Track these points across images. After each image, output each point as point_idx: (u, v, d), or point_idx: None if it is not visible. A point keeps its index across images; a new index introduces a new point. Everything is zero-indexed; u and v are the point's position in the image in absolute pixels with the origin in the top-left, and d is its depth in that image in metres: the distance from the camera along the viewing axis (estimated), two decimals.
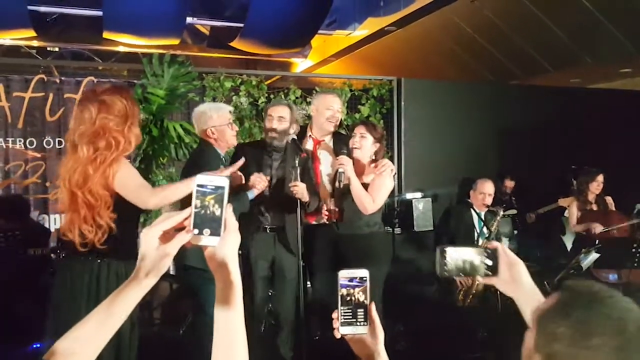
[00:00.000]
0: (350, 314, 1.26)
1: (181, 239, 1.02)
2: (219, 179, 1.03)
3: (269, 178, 3.54)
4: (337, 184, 3.45)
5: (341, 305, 1.26)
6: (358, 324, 1.26)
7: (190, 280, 3.33)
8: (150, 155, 4.46)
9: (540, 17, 7.43)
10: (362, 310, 1.26)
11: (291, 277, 3.55)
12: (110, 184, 2.53)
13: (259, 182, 3.35)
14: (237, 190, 3.39)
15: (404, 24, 8.43)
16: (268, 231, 3.57)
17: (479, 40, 8.58)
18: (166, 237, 1.02)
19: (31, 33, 7.88)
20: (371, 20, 8.99)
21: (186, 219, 1.03)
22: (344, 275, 1.27)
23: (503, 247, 1.39)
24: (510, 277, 1.35)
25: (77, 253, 2.59)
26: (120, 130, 2.57)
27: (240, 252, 3.42)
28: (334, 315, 1.26)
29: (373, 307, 1.26)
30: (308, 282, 4.31)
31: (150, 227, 1.03)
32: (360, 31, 9.26)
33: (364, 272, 1.27)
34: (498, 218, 4.49)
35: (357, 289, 1.27)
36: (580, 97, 6.71)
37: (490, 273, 1.38)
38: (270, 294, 3.82)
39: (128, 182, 2.57)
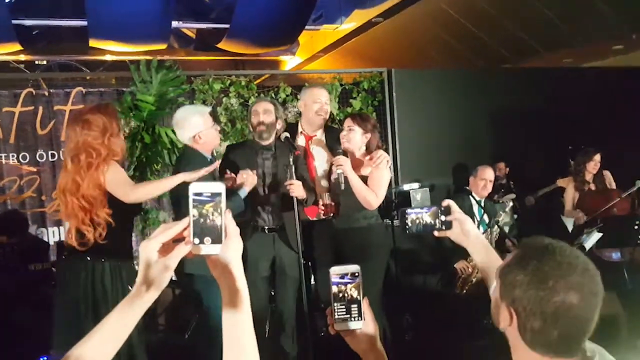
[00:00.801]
0: (344, 309, 1.28)
1: (181, 251, 1.00)
2: (214, 186, 1.01)
3: (260, 173, 3.52)
4: (340, 185, 3.42)
5: (334, 302, 1.28)
6: (352, 319, 1.28)
7: (193, 285, 3.31)
8: (144, 163, 4.45)
9: None
10: (355, 305, 1.28)
11: (293, 275, 3.53)
12: (102, 184, 2.85)
13: (248, 179, 3.32)
14: (229, 192, 3.37)
15: (390, 15, 8.40)
16: (267, 231, 3.54)
17: (467, 26, 8.55)
18: (166, 249, 1.00)
19: (17, 47, 7.84)
20: (358, 13, 8.96)
21: (185, 229, 1.01)
22: (335, 272, 1.28)
23: (454, 205, 1.59)
24: (460, 230, 1.57)
25: (76, 253, 2.87)
26: (99, 142, 2.90)
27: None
28: (328, 311, 1.28)
29: (366, 302, 1.28)
30: (311, 279, 4.32)
31: (149, 239, 1.01)
32: (348, 24, 9.23)
33: (355, 268, 1.29)
34: (507, 210, 4.47)
35: (349, 285, 1.28)
36: (573, 76, 6.68)
37: (444, 228, 1.58)
38: (272, 294, 3.80)
39: (114, 179, 2.88)
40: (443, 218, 1.59)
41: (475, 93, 5.94)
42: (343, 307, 1.28)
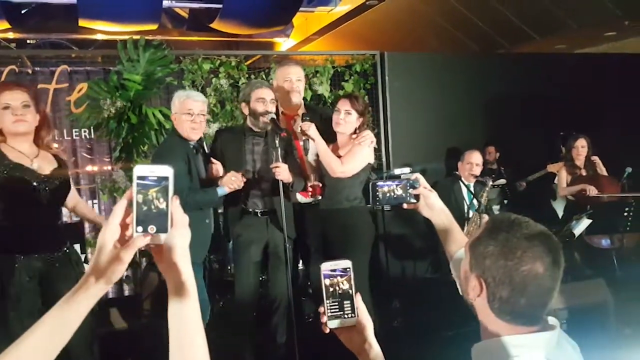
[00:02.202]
0: (337, 306, 1.24)
1: (138, 243, 0.92)
2: (161, 169, 0.94)
3: (250, 158, 3.46)
4: (306, 152, 3.38)
5: (327, 299, 1.24)
6: (346, 316, 1.24)
7: None
8: (130, 144, 4.38)
9: None
10: (348, 301, 1.24)
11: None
12: None
13: (233, 182, 3.24)
14: (214, 182, 3.31)
15: None
16: (260, 215, 3.49)
17: (462, 10, 8.46)
18: (124, 237, 0.93)
19: (5, 25, 7.69)
20: None
21: (129, 216, 0.94)
22: (326, 267, 1.24)
23: (422, 179, 1.67)
24: (426, 204, 1.67)
25: None
26: None
27: (232, 239, 3.33)
28: (321, 309, 1.24)
29: (359, 297, 1.25)
30: (300, 264, 4.28)
31: (105, 225, 0.93)
32: (342, 7, 9.11)
33: (346, 263, 1.25)
34: (487, 188, 4.46)
35: (341, 279, 1.24)
36: (566, 62, 6.63)
37: (414, 201, 1.66)
38: (261, 279, 3.77)
39: None
40: (411, 191, 1.65)
41: (468, 77, 5.88)
42: (336, 303, 1.24)
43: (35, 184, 2.72)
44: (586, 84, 6.01)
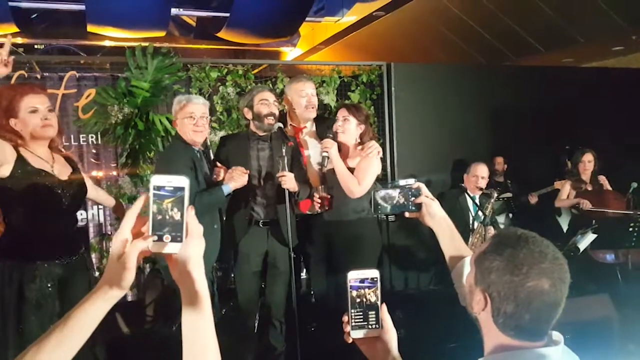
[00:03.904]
0: (362, 316, 1.22)
1: (137, 247, 0.93)
2: (177, 179, 0.95)
3: (255, 165, 3.46)
4: (322, 168, 3.38)
5: (352, 308, 1.22)
6: (370, 326, 1.22)
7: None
8: (136, 150, 4.40)
9: None
10: (373, 312, 1.22)
11: (285, 269, 3.47)
12: None
13: (238, 177, 3.22)
14: (214, 184, 3.29)
15: (392, 9, 8.35)
16: (261, 225, 3.46)
17: (468, 22, 8.50)
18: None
19: (14, 29, 7.76)
20: (359, 6, 8.89)
21: (144, 224, 0.95)
22: (354, 276, 1.22)
23: (424, 188, 1.66)
24: (428, 212, 1.65)
25: None
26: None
27: (233, 248, 3.30)
28: (344, 318, 1.22)
29: (384, 308, 1.23)
30: (302, 274, 4.28)
31: (116, 234, 0.95)
32: (349, 17, 9.16)
33: (374, 273, 1.23)
34: (492, 200, 4.45)
35: (368, 290, 1.22)
36: (573, 76, 6.64)
37: (415, 209, 1.65)
38: (262, 286, 3.76)
39: None
40: (413, 199, 1.65)
41: (475, 89, 5.89)
42: (360, 313, 1.22)
43: (57, 190, 2.70)
44: (593, 98, 6.01)
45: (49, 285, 2.66)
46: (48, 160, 2.74)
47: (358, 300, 1.22)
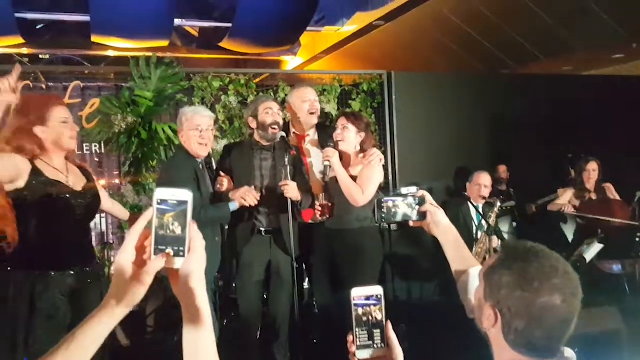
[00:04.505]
0: (367, 335, 1.18)
1: (157, 265, 0.92)
2: (181, 193, 0.93)
3: (258, 174, 3.48)
4: (324, 177, 3.39)
5: (356, 327, 1.17)
6: (375, 346, 1.18)
7: None
8: (139, 159, 4.43)
9: (528, 4, 7.40)
10: (378, 330, 1.18)
11: (288, 279, 3.45)
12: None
13: (248, 197, 3.19)
14: (221, 197, 3.29)
15: (392, 18, 8.39)
16: (264, 234, 3.45)
17: (468, 30, 8.54)
18: (142, 259, 0.93)
19: (19, 40, 7.83)
20: (359, 15, 8.95)
21: (147, 238, 0.93)
22: (358, 294, 1.18)
23: (428, 196, 1.63)
24: (433, 221, 1.62)
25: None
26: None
27: (235, 257, 3.27)
28: (349, 338, 1.18)
29: (390, 325, 1.19)
30: (305, 283, 4.26)
31: (120, 250, 0.93)
32: (349, 27, 9.22)
33: (379, 290, 1.19)
34: (495, 209, 4.43)
35: (373, 308, 1.18)
36: (573, 84, 6.66)
37: (420, 218, 1.62)
38: (265, 296, 3.75)
39: None
40: (417, 208, 1.62)
41: (475, 97, 5.91)
42: (365, 332, 1.17)
43: (72, 200, 2.70)
44: (593, 106, 6.02)
45: (61, 296, 2.64)
46: (63, 171, 2.72)
47: (364, 319, 1.18)
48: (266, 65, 9.97)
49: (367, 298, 1.18)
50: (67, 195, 2.67)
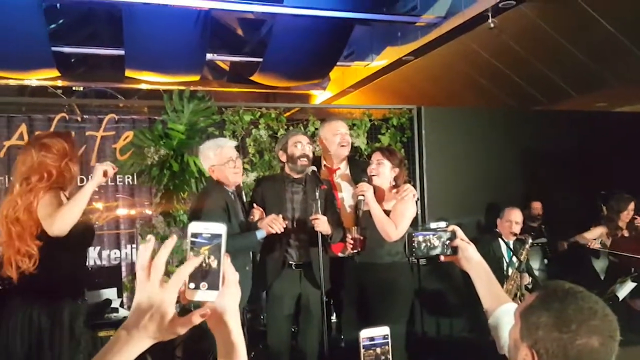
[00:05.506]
0: None
1: (194, 321, 0.89)
2: (215, 226, 0.94)
3: (289, 207, 3.48)
4: (357, 212, 3.39)
5: None
6: None
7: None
8: (171, 191, 4.48)
9: (560, 40, 7.37)
10: None
11: (317, 313, 3.46)
12: (33, 212, 2.64)
13: (274, 225, 3.22)
14: (253, 227, 3.33)
15: (421, 53, 8.40)
16: (294, 267, 3.48)
17: (498, 66, 8.52)
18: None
19: (55, 73, 8.05)
20: (389, 50, 9.00)
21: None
22: (365, 335, 1.23)
23: (459, 231, 1.64)
24: (464, 256, 1.63)
25: (14, 286, 2.67)
26: (56, 165, 2.76)
27: (264, 289, 3.31)
28: None
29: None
30: (332, 317, 4.22)
31: (165, 289, 0.90)
32: (379, 61, 9.28)
33: (385, 330, 1.24)
34: (527, 246, 4.37)
35: (380, 349, 1.23)
36: (606, 120, 6.57)
37: (451, 252, 1.63)
38: (293, 330, 3.73)
39: (42, 210, 2.65)
40: (449, 243, 1.63)
41: (505, 133, 5.87)
42: None
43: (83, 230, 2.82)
44: (626, 142, 5.93)
45: (74, 325, 2.71)
46: None
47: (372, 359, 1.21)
48: (295, 99, 10.07)
49: (371, 339, 1.24)
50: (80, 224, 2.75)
